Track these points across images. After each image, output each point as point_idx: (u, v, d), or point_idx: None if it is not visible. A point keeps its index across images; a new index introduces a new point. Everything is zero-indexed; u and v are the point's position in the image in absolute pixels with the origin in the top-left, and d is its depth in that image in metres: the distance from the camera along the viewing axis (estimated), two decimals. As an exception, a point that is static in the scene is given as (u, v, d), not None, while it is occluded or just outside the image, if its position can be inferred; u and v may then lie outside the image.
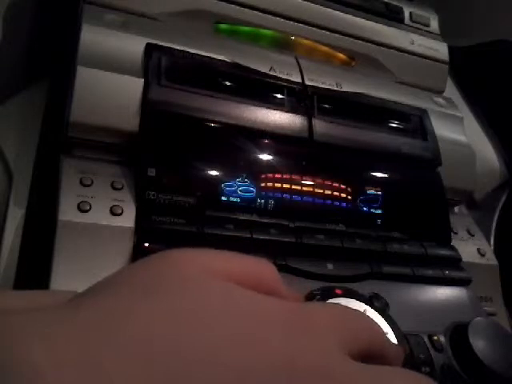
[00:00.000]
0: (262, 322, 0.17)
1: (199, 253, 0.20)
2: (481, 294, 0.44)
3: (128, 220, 0.33)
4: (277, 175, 0.39)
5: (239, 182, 0.37)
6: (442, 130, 0.48)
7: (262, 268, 0.21)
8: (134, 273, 0.19)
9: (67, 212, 0.32)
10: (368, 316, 0.25)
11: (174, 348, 0.15)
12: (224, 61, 0.41)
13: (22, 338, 0.14)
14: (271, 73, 0.42)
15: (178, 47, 0.39)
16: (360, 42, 0.50)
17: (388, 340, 0.22)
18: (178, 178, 0.35)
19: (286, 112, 0.41)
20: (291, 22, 0.47)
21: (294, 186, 0.39)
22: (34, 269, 0.32)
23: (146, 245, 0.32)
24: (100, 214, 0.33)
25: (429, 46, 0.54)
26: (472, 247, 0.47)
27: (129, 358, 0.14)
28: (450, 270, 0.41)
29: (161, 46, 0.39)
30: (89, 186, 0.34)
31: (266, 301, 0.18)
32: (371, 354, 0.20)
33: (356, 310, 0.25)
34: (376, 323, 0.23)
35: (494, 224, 0.56)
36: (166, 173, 0.35)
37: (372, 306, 0.34)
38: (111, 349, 0.14)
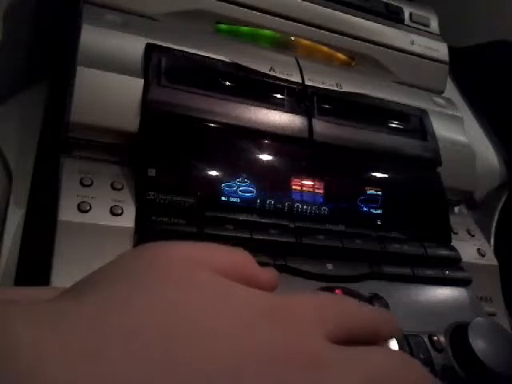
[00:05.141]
0: (246, 314, 0.18)
1: (183, 245, 0.20)
2: (481, 294, 0.44)
3: (128, 220, 0.33)
4: (277, 175, 0.39)
5: (239, 182, 0.37)
6: (442, 130, 0.48)
7: (238, 255, 0.22)
8: (127, 265, 0.19)
9: (67, 212, 0.32)
10: (348, 298, 0.25)
11: (171, 340, 0.16)
12: (224, 61, 0.41)
13: (21, 333, 0.14)
14: (271, 73, 0.42)
15: (178, 47, 0.39)
16: (360, 42, 0.50)
17: (371, 316, 0.22)
18: (177, 178, 0.35)
19: (286, 112, 0.41)
20: (291, 22, 0.47)
21: (293, 186, 0.39)
22: (34, 269, 0.32)
23: (146, 245, 0.32)
24: (100, 214, 0.33)
25: (429, 46, 0.54)
26: (472, 247, 0.47)
27: (129, 350, 0.15)
28: (449, 270, 0.41)
29: (161, 46, 0.39)
30: (89, 186, 0.34)
31: (249, 293, 0.19)
32: (358, 335, 0.21)
33: (335, 295, 0.25)
34: (356, 304, 0.23)
35: (494, 224, 0.56)
36: (166, 173, 0.35)
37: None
38: (114, 341, 0.15)
